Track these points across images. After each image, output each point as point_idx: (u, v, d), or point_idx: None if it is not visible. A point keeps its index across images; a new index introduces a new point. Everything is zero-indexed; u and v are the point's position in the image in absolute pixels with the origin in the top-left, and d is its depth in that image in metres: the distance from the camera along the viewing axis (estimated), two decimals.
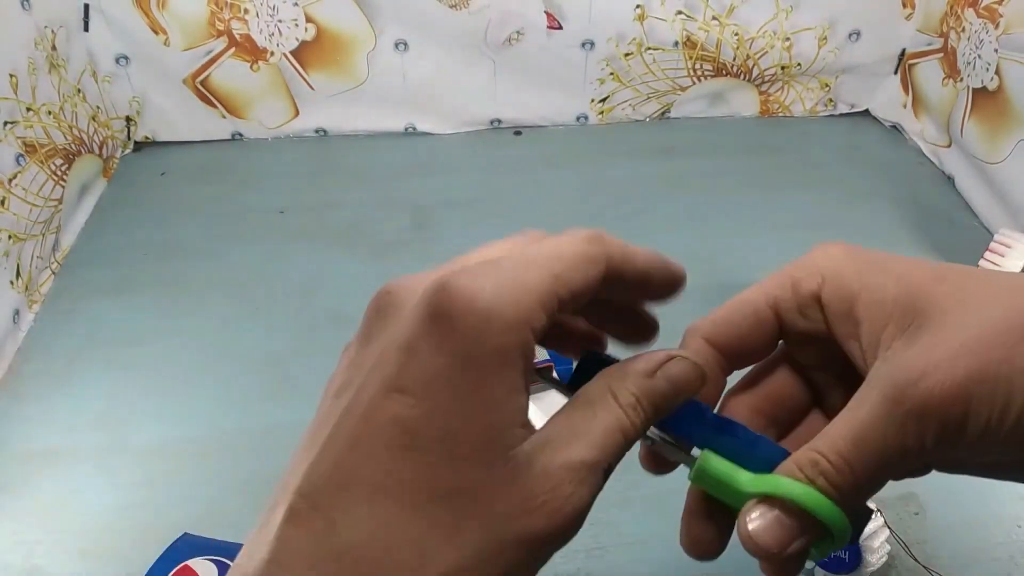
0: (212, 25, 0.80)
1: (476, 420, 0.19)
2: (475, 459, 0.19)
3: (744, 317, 0.25)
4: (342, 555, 0.18)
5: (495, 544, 0.19)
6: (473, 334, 0.18)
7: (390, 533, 0.18)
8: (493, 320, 0.18)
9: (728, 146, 0.89)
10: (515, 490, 0.19)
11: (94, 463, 0.54)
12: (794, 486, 0.21)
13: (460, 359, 0.18)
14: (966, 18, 0.76)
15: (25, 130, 0.67)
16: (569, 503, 0.19)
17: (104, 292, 0.69)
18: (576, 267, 0.20)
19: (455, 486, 0.18)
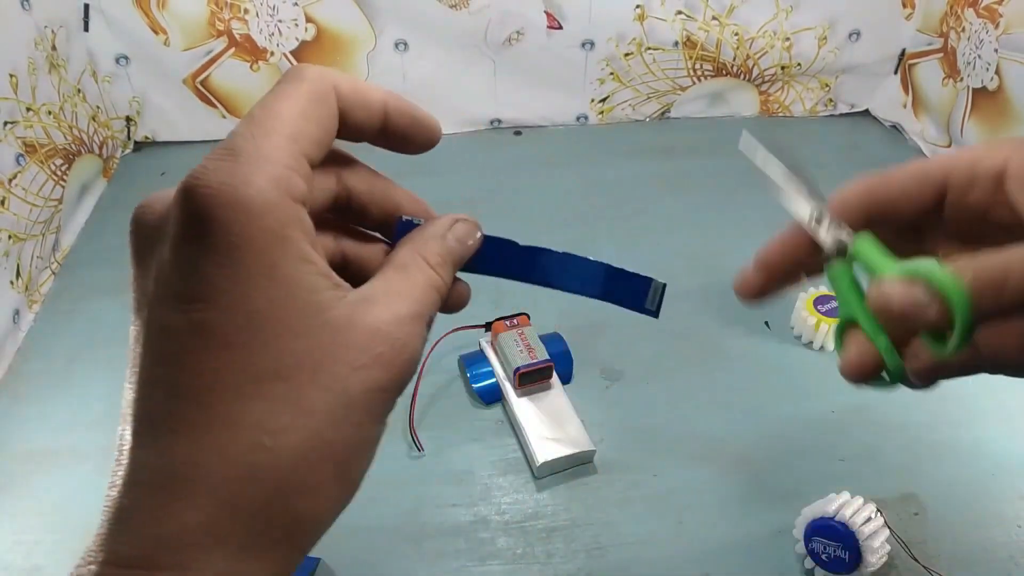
0: (212, 25, 0.80)
1: (273, 300, 0.19)
2: (290, 334, 0.19)
3: (911, 176, 0.27)
4: (196, 460, 0.18)
5: (342, 402, 0.20)
6: (236, 224, 0.18)
7: (236, 426, 0.18)
8: (249, 205, 0.18)
9: (728, 146, 0.88)
10: (347, 349, 0.20)
11: (94, 463, 0.54)
12: (938, 271, 0.22)
13: (234, 253, 0.18)
14: (966, 18, 0.76)
15: (25, 130, 0.67)
16: (405, 351, 0.21)
17: (104, 292, 0.69)
18: (306, 112, 0.20)
19: (279, 363, 0.19)
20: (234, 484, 0.18)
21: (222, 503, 0.18)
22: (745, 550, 0.49)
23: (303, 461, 0.19)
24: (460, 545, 0.49)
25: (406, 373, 0.21)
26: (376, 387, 0.20)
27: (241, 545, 0.19)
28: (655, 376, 0.60)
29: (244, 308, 0.19)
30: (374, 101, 0.23)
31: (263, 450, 0.19)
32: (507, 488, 0.52)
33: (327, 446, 0.19)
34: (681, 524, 0.50)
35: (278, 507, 0.19)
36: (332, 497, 0.20)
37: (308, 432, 0.19)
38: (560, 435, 0.53)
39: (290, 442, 0.19)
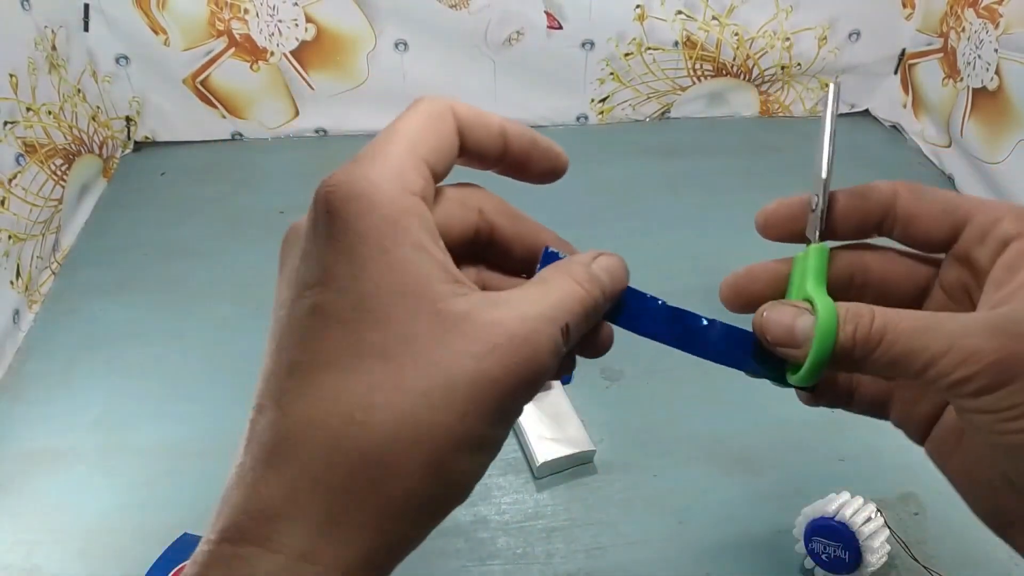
0: (212, 25, 0.80)
1: (386, 282, 0.19)
2: (399, 316, 0.19)
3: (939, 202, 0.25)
4: (292, 432, 0.19)
5: (442, 384, 0.19)
6: (355, 215, 0.20)
7: (333, 400, 0.19)
8: (368, 197, 0.20)
9: (728, 146, 0.89)
10: (457, 336, 0.19)
11: (94, 463, 0.54)
12: (828, 310, 0.23)
13: (351, 239, 0.19)
14: (966, 18, 0.76)
15: (25, 130, 0.67)
16: (526, 347, 0.20)
17: (104, 292, 0.69)
18: (425, 126, 0.22)
19: (385, 343, 0.19)
20: (322, 456, 0.18)
21: (308, 475, 0.18)
22: (745, 550, 0.49)
23: (393, 440, 0.19)
24: (460, 545, 0.49)
25: (527, 371, 0.20)
26: (485, 377, 0.19)
27: (323, 521, 0.18)
28: (655, 376, 0.60)
29: (356, 289, 0.19)
30: (492, 123, 0.24)
31: (354, 424, 0.18)
32: (507, 488, 0.52)
33: (419, 428, 0.19)
34: (681, 524, 0.50)
35: (362, 484, 0.19)
36: (422, 487, 0.19)
37: (400, 411, 0.19)
38: (560, 435, 0.53)
39: (381, 418, 0.18)
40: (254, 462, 0.19)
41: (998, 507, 0.24)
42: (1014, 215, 0.24)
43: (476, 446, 0.20)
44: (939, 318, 0.22)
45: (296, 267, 0.20)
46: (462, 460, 0.20)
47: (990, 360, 0.21)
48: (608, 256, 0.25)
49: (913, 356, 0.22)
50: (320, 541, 0.18)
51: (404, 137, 0.21)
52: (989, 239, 0.24)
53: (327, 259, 0.20)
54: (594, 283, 0.23)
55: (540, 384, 0.21)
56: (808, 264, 0.25)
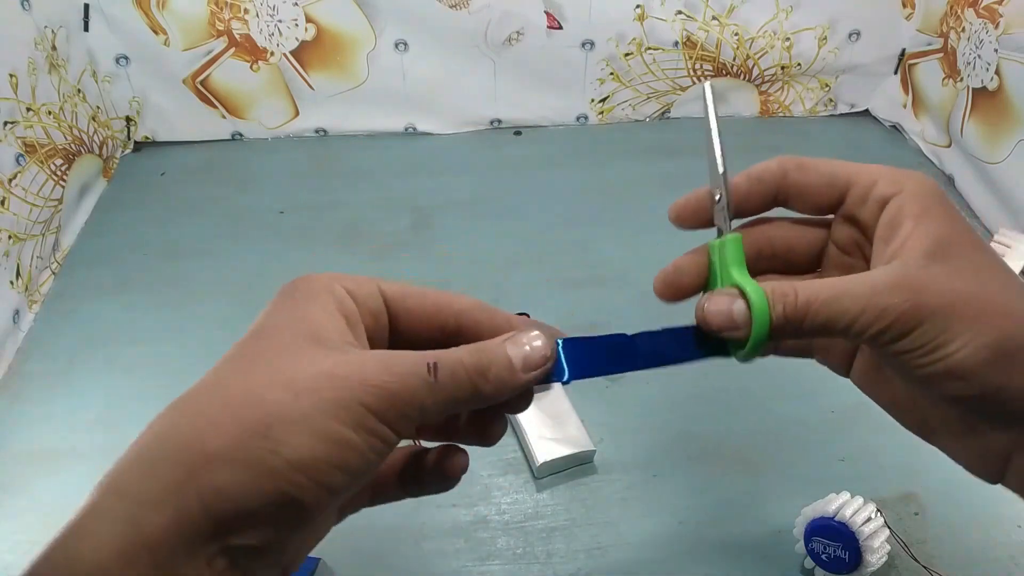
0: (212, 25, 0.80)
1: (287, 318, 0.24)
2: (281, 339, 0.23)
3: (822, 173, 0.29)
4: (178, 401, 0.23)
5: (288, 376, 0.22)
6: (298, 285, 0.25)
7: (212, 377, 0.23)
8: (310, 280, 0.25)
9: (728, 146, 0.89)
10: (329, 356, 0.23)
11: (94, 463, 0.54)
12: (758, 294, 0.26)
13: (286, 296, 0.25)
14: (966, 18, 0.76)
15: (25, 130, 0.67)
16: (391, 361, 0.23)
17: (104, 292, 0.69)
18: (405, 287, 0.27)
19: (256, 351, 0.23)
20: (148, 435, 0.22)
21: (136, 455, 0.22)
22: (745, 550, 0.49)
23: (204, 401, 0.22)
24: (460, 545, 0.49)
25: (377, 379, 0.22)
26: (329, 372, 0.22)
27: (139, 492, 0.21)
28: (655, 376, 0.60)
29: (265, 321, 0.24)
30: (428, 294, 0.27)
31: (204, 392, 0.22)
32: (507, 488, 0.53)
33: (253, 395, 0.21)
34: (681, 524, 0.50)
35: (170, 446, 0.21)
36: (236, 455, 0.20)
37: (234, 391, 0.22)
38: (560, 435, 0.53)
39: (203, 384, 0.23)
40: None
41: (922, 419, 0.28)
42: (888, 178, 0.27)
43: (309, 429, 0.21)
44: (850, 282, 0.25)
45: None
46: (292, 437, 0.21)
47: (899, 312, 0.24)
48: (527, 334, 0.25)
49: (836, 320, 0.25)
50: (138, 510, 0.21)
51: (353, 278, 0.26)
52: (869, 200, 0.27)
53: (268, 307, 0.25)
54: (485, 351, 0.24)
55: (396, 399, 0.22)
56: (727, 253, 0.28)
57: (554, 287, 0.68)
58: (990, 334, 0.24)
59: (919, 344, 0.24)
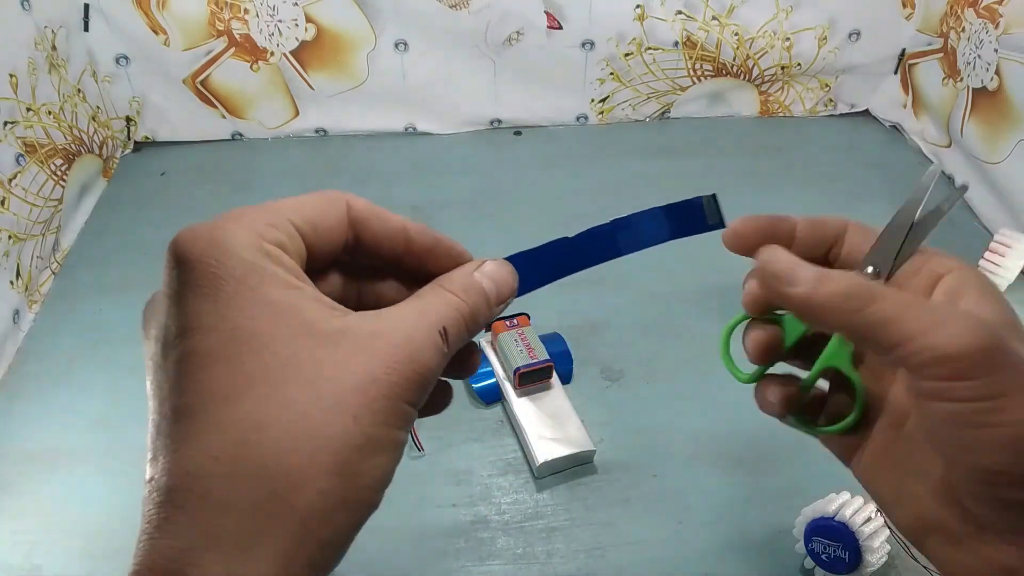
0: (212, 25, 0.80)
1: (255, 317, 0.20)
2: (275, 344, 0.20)
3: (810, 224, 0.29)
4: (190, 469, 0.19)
5: (329, 393, 0.20)
6: (214, 260, 0.20)
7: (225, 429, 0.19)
8: (223, 243, 0.20)
9: (728, 146, 0.89)
10: (338, 350, 0.20)
11: (94, 463, 0.54)
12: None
13: (212, 282, 0.20)
14: (966, 18, 0.76)
15: (25, 130, 0.67)
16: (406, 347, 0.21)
17: (104, 292, 0.69)
18: (304, 200, 0.23)
19: (266, 368, 0.20)
20: (223, 483, 0.19)
21: (214, 503, 0.19)
22: (745, 550, 0.49)
23: (290, 452, 0.19)
24: (460, 545, 0.49)
25: (409, 370, 0.21)
26: (369, 378, 0.20)
27: (238, 542, 0.19)
28: (655, 376, 0.60)
29: (226, 326, 0.20)
30: (391, 219, 0.25)
31: (249, 445, 0.19)
32: (507, 488, 0.53)
33: (314, 435, 0.19)
34: (681, 524, 0.50)
35: (269, 500, 0.19)
36: (330, 492, 0.19)
37: (292, 422, 0.19)
38: (560, 435, 0.53)
39: (274, 434, 0.19)
40: (157, 507, 0.19)
41: (921, 516, 0.26)
42: (939, 256, 0.27)
43: (375, 447, 0.20)
44: (928, 300, 0.24)
45: (161, 323, 0.21)
46: (364, 461, 0.20)
47: (976, 344, 0.21)
48: (492, 263, 0.26)
49: (900, 324, 0.22)
50: (238, 561, 0.18)
51: (272, 204, 0.23)
52: (922, 273, 0.26)
53: (190, 305, 0.20)
54: (471, 292, 0.24)
55: (427, 382, 0.22)
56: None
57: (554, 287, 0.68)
58: None
59: (988, 392, 0.21)
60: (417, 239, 0.25)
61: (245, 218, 0.21)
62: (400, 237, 0.25)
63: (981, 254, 0.67)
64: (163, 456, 0.19)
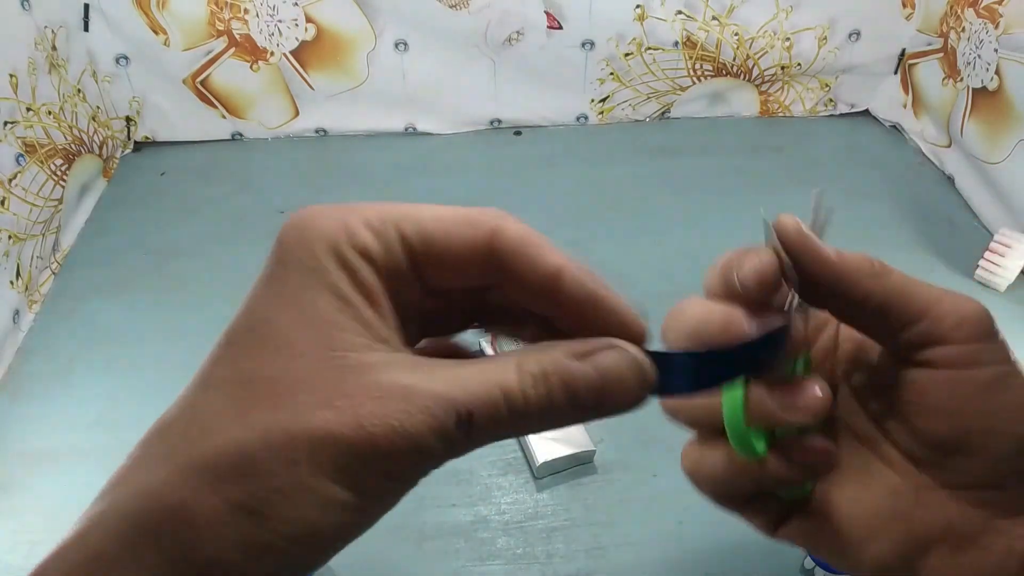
0: (212, 25, 0.80)
1: (288, 316, 0.18)
2: (286, 350, 0.18)
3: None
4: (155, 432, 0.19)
5: (284, 431, 0.17)
6: (290, 245, 0.19)
7: (190, 412, 0.18)
8: (306, 232, 0.19)
9: (728, 146, 0.89)
10: (327, 387, 0.17)
11: (94, 463, 0.54)
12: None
13: (276, 268, 0.19)
14: (966, 18, 0.76)
15: (25, 130, 0.67)
16: (395, 417, 0.17)
17: (104, 292, 0.69)
18: (443, 217, 0.19)
19: (261, 373, 0.18)
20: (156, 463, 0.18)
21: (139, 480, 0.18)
22: (746, 550, 0.49)
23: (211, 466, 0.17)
24: (460, 545, 0.49)
25: (386, 442, 0.17)
26: (327, 431, 0.17)
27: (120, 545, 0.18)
28: None
29: (256, 314, 0.19)
30: (547, 257, 0.19)
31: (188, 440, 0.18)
32: (507, 488, 0.52)
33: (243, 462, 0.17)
34: (681, 524, 0.50)
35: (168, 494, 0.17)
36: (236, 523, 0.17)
37: (232, 441, 0.17)
38: (560, 435, 0.53)
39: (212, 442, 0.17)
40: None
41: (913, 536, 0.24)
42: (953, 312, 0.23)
43: (314, 502, 0.17)
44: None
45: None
46: (286, 510, 0.17)
47: (986, 311, 0.23)
48: (616, 352, 0.19)
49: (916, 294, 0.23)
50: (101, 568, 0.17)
51: (395, 206, 0.20)
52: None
53: (258, 281, 0.19)
54: (546, 383, 0.18)
55: (412, 464, 0.18)
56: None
57: None
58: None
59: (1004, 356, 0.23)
60: (569, 289, 0.19)
61: (352, 213, 0.19)
62: (548, 285, 0.19)
63: (981, 254, 0.67)
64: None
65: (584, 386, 0.19)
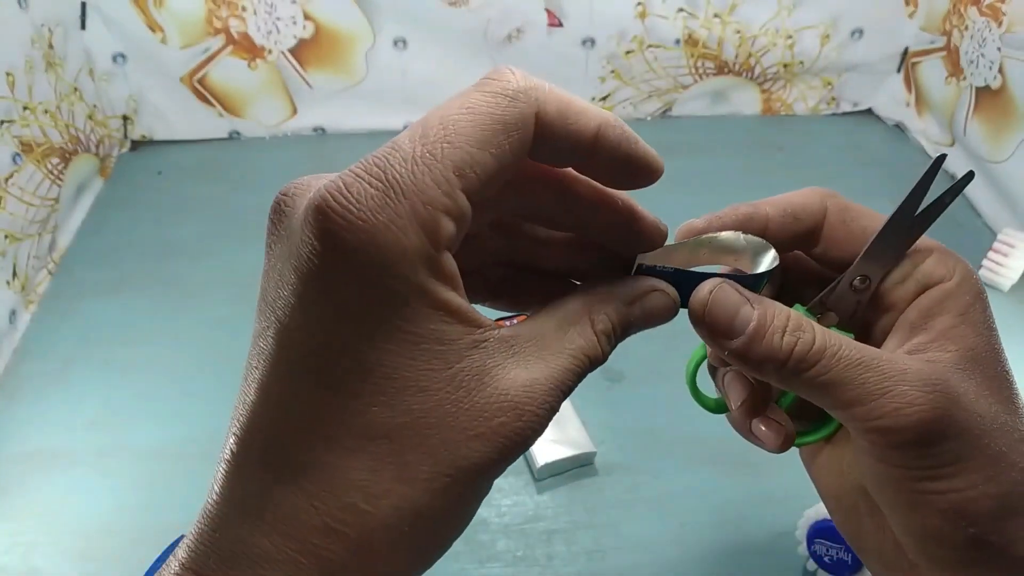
0: (210, 23, 0.80)
1: (393, 353, 0.17)
2: (409, 390, 0.18)
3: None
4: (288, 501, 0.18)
5: (446, 472, 0.18)
6: (362, 272, 0.17)
7: (336, 483, 0.18)
8: (382, 250, 0.17)
9: (730, 145, 0.88)
10: (467, 412, 0.18)
11: (91, 464, 0.54)
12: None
13: (352, 295, 0.17)
14: (969, 16, 0.76)
15: (22, 129, 0.67)
16: (529, 425, 0.19)
17: (101, 292, 0.68)
18: (487, 142, 0.18)
19: (393, 423, 0.18)
20: (318, 534, 0.18)
21: (306, 549, 0.18)
22: (747, 552, 0.48)
23: (390, 528, 0.18)
24: (459, 547, 0.49)
25: (521, 447, 0.19)
26: (486, 462, 0.18)
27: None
28: (656, 377, 0.60)
29: (364, 360, 0.17)
30: (585, 129, 0.19)
31: (357, 512, 0.18)
32: (507, 490, 0.52)
33: (419, 516, 0.18)
34: (683, 527, 0.50)
35: (362, 565, 0.18)
36: (416, 561, 0.19)
37: (403, 500, 0.18)
38: (561, 437, 0.53)
39: (383, 510, 0.18)
40: (239, 514, 0.18)
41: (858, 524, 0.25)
42: (940, 259, 0.24)
43: (464, 520, 0.20)
44: (879, 356, 0.22)
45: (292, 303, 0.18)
46: (450, 532, 0.19)
47: (923, 418, 0.21)
48: (662, 295, 0.23)
49: (845, 387, 0.21)
50: None
51: (455, 153, 0.17)
52: (909, 281, 0.24)
53: (321, 311, 0.17)
54: (619, 333, 0.22)
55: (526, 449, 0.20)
56: None
57: None
58: (1003, 485, 0.21)
59: (930, 464, 0.21)
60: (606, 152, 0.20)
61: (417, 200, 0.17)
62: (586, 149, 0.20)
63: (985, 254, 0.67)
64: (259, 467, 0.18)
65: (639, 325, 0.22)
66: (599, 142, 0.20)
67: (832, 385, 0.21)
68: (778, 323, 0.22)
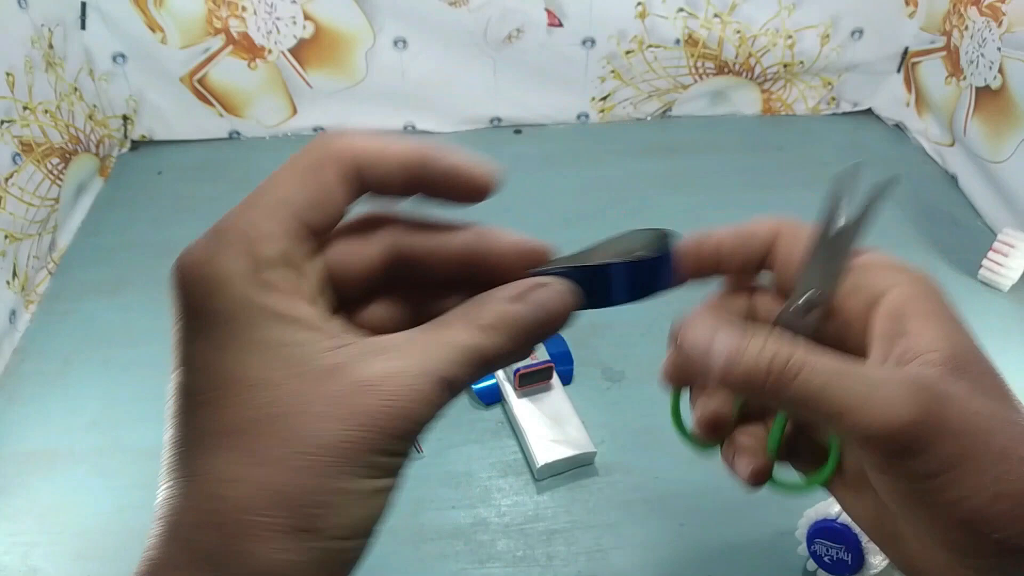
0: (210, 23, 0.80)
1: (242, 359, 0.20)
2: (258, 388, 0.19)
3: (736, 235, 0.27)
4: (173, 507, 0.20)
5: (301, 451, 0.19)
6: (199, 300, 0.20)
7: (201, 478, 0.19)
8: (211, 279, 0.20)
9: (730, 145, 0.88)
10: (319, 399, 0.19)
11: (91, 464, 0.54)
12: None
13: (204, 322, 0.20)
14: (969, 16, 0.76)
15: (22, 129, 0.67)
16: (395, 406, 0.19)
17: (101, 292, 0.68)
18: (303, 180, 0.21)
19: (244, 418, 0.19)
20: (193, 529, 0.19)
21: (183, 545, 0.19)
22: (747, 552, 0.48)
23: (252, 510, 0.19)
24: (460, 547, 0.49)
25: (394, 427, 0.19)
26: (346, 438, 0.19)
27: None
28: (656, 377, 0.59)
29: (214, 368, 0.20)
30: (394, 157, 0.22)
31: (218, 499, 0.19)
32: (507, 490, 0.52)
33: (278, 495, 0.19)
34: (683, 527, 0.50)
35: (232, 551, 0.19)
36: (293, 546, 0.19)
37: (258, 481, 0.19)
38: (561, 436, 0.53)
39: (241, 492, 0.19)
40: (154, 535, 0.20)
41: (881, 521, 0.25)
42: (875, 267, 0.24)
43: (345, 502, 0.19)
44: (858, 365, 0.22)
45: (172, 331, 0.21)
46: (334, 513, 0.19)
47: (911, 418, 0.20)
48: (546, 289, 0.22)
49: (832, 396, 0.21)
50: None
51: (274, 192, 0.21)
52: (860, 293, 0.24)
53: (184, 338, 0.21)
54: (500, 331, 0.21)
55: (416, 432, 0.20)
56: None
57: None
58: (1016, 482, 0.20)
59: (932, 469, 0.21)
60: (430, 172, 0.22)
61: (240, 239, 0.20)
62: (404, 175, 0.22)
63: (984, 254, 0.67)
64: (163, 482, 0.20)
65: (537, 318, 0.22)
66: (415, 170, 0.22)
67: (818, 396, 0.21)
68: (755, 341, 0.22)
